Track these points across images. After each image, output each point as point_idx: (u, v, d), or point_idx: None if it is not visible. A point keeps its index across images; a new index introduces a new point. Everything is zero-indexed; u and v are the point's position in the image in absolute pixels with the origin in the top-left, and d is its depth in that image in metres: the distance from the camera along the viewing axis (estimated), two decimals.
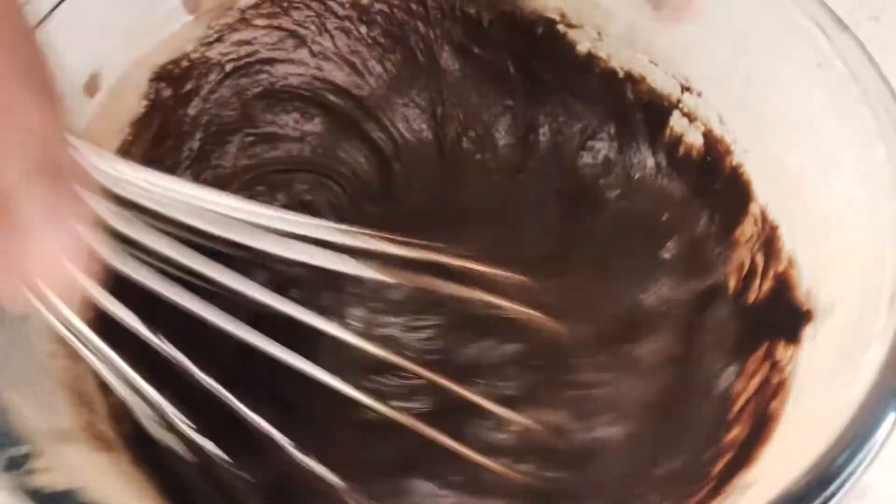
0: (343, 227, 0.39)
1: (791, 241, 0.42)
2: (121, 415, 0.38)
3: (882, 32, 0.61)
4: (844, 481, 0.29)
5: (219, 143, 0.48)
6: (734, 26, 0.43)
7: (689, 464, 0.41)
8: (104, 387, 0.39)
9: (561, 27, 0.50)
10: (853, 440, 0.30)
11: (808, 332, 0.39)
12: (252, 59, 0.48)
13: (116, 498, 0.31)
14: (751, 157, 0.45)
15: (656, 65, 0.48)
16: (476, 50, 0.52)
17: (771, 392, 0.39)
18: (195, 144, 0.47)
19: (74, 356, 0.38)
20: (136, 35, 0.42)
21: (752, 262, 0.44)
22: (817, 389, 0.36)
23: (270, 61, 0.49)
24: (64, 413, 0.34)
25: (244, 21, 0.47)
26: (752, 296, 0.44)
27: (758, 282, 0.44)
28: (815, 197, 0.41)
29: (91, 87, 0.40)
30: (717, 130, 0.46)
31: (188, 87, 0.45)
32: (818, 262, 0.40)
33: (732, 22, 0.43)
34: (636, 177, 0.51)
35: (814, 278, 0.40)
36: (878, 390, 0.30)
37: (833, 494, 0.29)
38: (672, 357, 0.46)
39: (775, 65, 0.42)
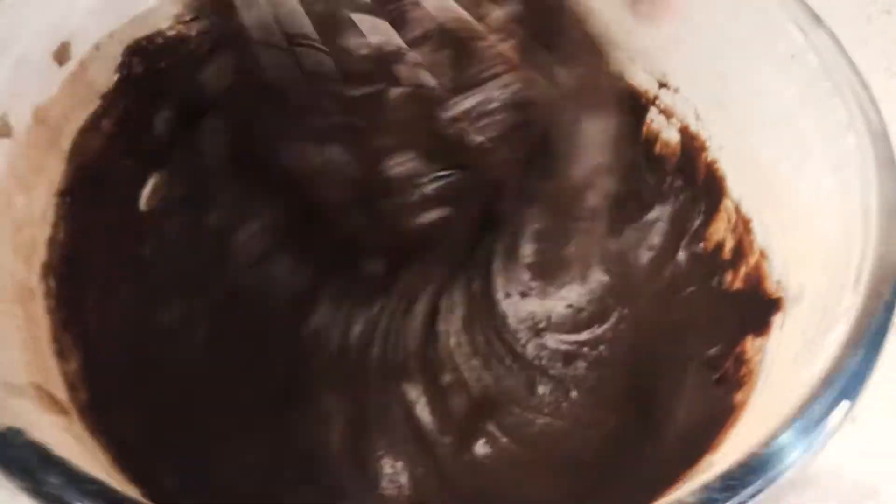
0: None
1: (763, 234, 0.42)
2: (77, 383, 0.38)
3: (894, 26, 0.61)
4: (789, 461, 0.28)
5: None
6: (711, 21, 0.43)
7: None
8: (61, 354, 0.38)
9: None
10: (804, 418, 0.29)
11: (776, 321, 0.38)
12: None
13: (65, 451, 0.30)
14: (725, 153, 0.45)
15: (633, 61, 0.48)
16: None
17: (737, 384, 0.39)
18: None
19: (30, 319, 0.37)
20: (112, 6, 0.42)
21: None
22: (782, 374, 0.35)
23: None
24: (17, 370, 0.34)
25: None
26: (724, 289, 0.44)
27: (729, 277, 0.44)
28: (787, 189, 0.40)
29: (61, 54, 0.40)
30: (693, 127, 0.46)
31: (163, 63, 0.45)
32: (788, 253, 0.40)
33: (710, 16, 0.43)
34: None
35: (784, 268, 0.40)
36: (837, 367, 0.30)
37: (778, 473, 0.28)
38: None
39: (751, 60, 0.42)
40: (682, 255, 0.48)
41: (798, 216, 0.39)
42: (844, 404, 0.30)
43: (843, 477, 0.47)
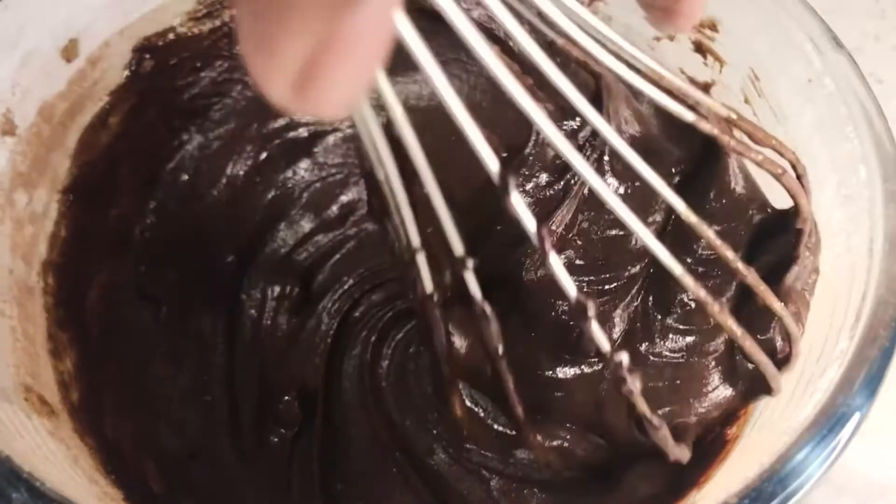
0: None
1: None
2: (70, 382, 0.38)
3: None
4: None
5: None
6: (735, 36, 0.42)
7: None
8: (56, 352, 0.38)
9: None
10: (791, 464, 0.28)
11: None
12: None
13: (40, 458, 0.30)
14: None
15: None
16: None
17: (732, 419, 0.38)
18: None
19: (26, 317, 0.37)
20: (122, 3, 0.42)
21: None
22: (776, 412, 0.35)
23: None
24: (5, 372, 0.34)
25: None
26: None
27: None
28: None
29: (69, 51, 0.40)
30: None
31: (173, 61, 0.45)
32: None
33: (734, 31, 0.42)
34: None
35: None
36: (824, 415, 0.29)
37: None
38: None
39: (770, 78, 0.41)
40: None
41: None
42: (831, 450, 0.29)
43: (855, 475, 0.47)
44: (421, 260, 0.31)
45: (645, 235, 0.28)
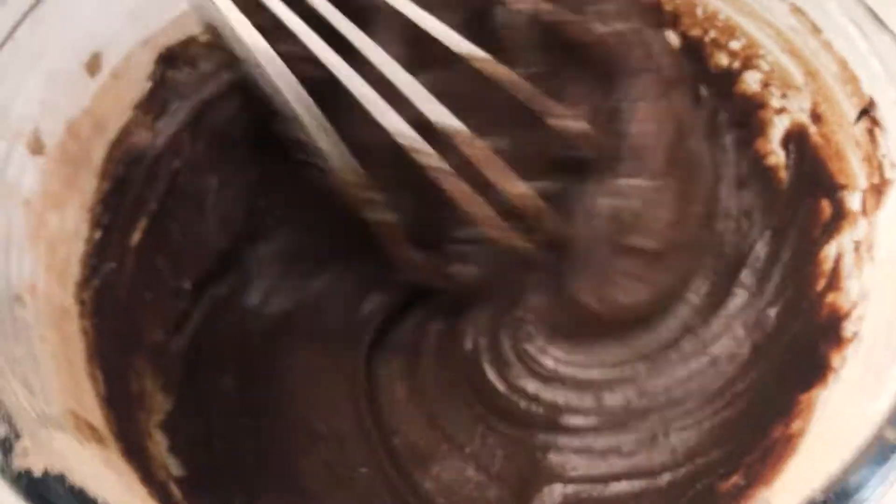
0: None
1: None
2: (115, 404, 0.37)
3: None
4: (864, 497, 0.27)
5: None
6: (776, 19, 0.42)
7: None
8: (94, 376, 0.37)
9: None
10: (876, 454, 0.28)
11: None
12: None
13: (104, 488, 0.29)
14: None
15: None
16: None
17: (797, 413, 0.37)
18: None
19: (65, 341, 0.36)
20: (142, 15, 0.41)
21: None
22: (843, 403, 0.34)
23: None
24: (52, 398, 0.33)
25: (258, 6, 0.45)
26: None
27: None
28: None
29: (92, 66, 0.39)
30: None
31: (195, 71, 0.44)
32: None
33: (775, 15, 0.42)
34: None
35: None
36: None
37: None
38: None
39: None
40: None
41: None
42: None
43: None
44: None
45: None
